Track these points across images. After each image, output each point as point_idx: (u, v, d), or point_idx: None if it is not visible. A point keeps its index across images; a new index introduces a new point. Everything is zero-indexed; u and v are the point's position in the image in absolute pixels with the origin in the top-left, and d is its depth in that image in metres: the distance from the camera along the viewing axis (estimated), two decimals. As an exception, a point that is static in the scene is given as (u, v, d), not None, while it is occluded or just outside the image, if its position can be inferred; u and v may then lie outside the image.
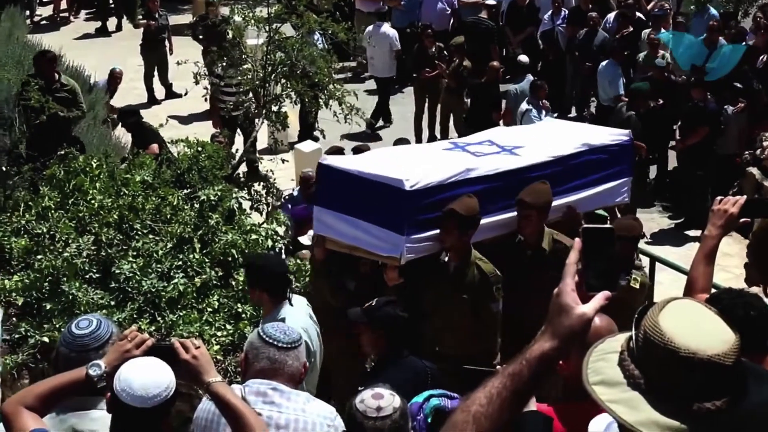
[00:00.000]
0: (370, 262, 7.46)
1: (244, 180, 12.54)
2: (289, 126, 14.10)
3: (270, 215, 10.48)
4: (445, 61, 16.37)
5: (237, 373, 7.90)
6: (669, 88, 14.47)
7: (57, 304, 8.31)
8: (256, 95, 13.21)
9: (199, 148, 10.62)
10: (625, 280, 7.53)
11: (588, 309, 2.50)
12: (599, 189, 7.88)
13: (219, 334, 8.33)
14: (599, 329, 3.39)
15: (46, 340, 8.06)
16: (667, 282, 10.54)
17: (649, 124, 13.64)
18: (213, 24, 16.71)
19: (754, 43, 15.48)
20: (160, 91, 18.31)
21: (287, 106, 13.45)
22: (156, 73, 18.27)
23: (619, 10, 17.53)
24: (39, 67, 12.02)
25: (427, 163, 7.26)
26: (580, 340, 2.49)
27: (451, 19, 19.00)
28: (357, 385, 4.68)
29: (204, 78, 13.29)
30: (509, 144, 7.72)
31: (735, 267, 10.36)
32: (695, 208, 13.52)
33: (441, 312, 7.15)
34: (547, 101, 14.34)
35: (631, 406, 2.29)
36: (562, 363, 2.97)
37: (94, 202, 9.35)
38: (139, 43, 18.39)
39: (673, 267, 10.49)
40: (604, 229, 2.67)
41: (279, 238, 9.35)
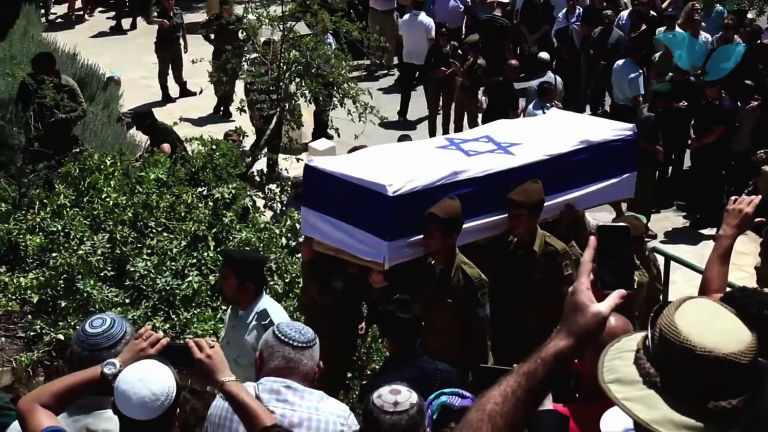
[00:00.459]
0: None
1: (259, 178, 12.54)
2: (304, 125, 14.10)
3: (284, 213, 10.49)
4: (459, 60, 16.36)
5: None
6: (688, 89, 14.40)
7: (72, 301, 8.33)
8: (270, 94, 13.21)
9: (213, 146, 10.65)
10: None
11: (603, 307, 2.49)
12: (601, 185, 7.79)
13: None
14: (614, 329, 3.38)
15: (61, 337, 8.08)
16: (682, 281, 10.53)
17: (665, 124, 13.61)
18: (227, 23, 16.71)
19: (768, 42, 15.44)
20: (174, 89, 18.32)
21: (301, 105, 13.46)
22: (170, 71, 18.26)
23: (633, 8, 17.48)
24: (39, 68, 12.01)
25: (414, 166, 7.16)
26: (595, 339, 2.49)
27: (465, 17, 18.99)
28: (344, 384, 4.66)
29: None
30: (506, 140, 7.63)
31: (749, 266, 10.35)
32: (710, 207, 13.49)
33: (427, 316, 7.14)
34: (559, 103, 14.32)
35: (647, 404, 2.29)
36: (577, 362, 2.97)
37: (108, 200, 9.38)
38: (151, 42, 18.39)
39: (687, 266, 10.47)
40: (619, 227, 2.66)
41: (293, 236, 9.37)
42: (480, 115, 16.16)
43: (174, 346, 4.01)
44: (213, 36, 17.17)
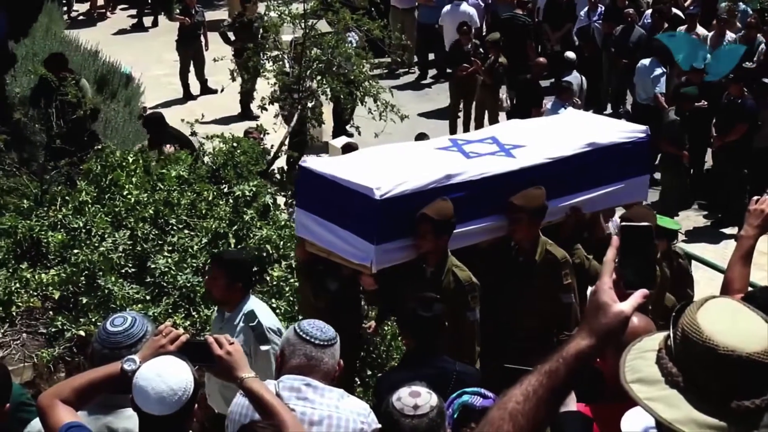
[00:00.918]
0: None
1: (280, 176, 12.55)
2: (324, 122, 14.11)
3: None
4: (480, 58, 16.34)
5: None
6: (708, 88, 14.35)
7: (93, 298, 8.35)
8: (291, 91, 13.23)
9: (234, 144, 10.66)
10: None
11: (626, 307, 2.48)
12: (611, 188, 7.68)
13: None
14: (637, 328, 3.36)
15: (82, 333, 8.11)
16: (704, 281, 10.48)
17: (688, 125, 13.57)
18: (249, 21, 16.73)
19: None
20: (195, 86, 18.35)
21: (322, 103, 13.47)
22: (192, 68, 18.28)
23: (655, 7, 17.43)
24: (51, 69, 12.04)
25: (407, 168, 7.07)
26: (618, 339, 2.48)
27: (486, 15, 18.97)
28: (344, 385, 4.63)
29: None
30: (511, 142, 7.54)
31: (772, 266, 10.29)
32: (732, 206, 13.43)
33: None
34: (579, 100, 14.28)
35: (670, 403, 2.28)
36: (599, 362, 2.96)
37: (130, 197, 9.40)
38: (173, 39, 18.43)
39: (709, 265, 10.44)
40: (641, 226, 2.65)
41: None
42: (502, 114, 16.15)
43: (194, 342, 4.01)
44: (234, 35, 17.17)
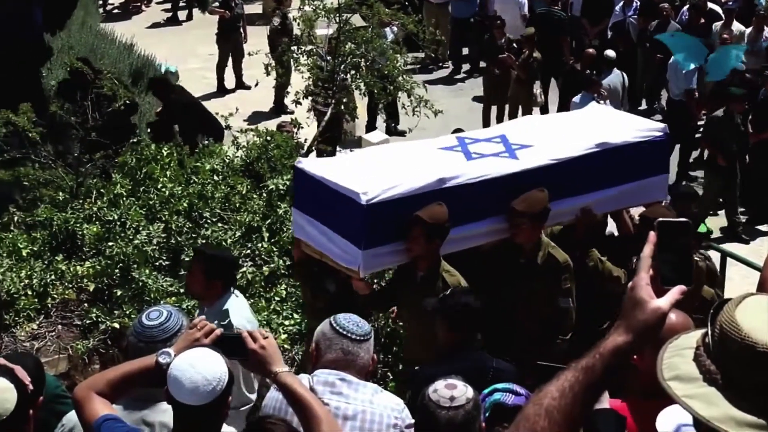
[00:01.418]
0: None
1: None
2: (358, 117, 14.12)
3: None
4: (514, 53, 16.29)
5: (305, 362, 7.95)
6: (743, 85, 14.24)
7: (127, 290, 8.41)
8: (325, 86, 13.23)
9: (268, 138, 10.69)
10: None
11: (663, 303, 2.46)
12: (625, 188, 7.56)
13: (286, 323, 8.37)
14: (674, 325, 3.34)
15: (117, 326, 8.17)
16: (738, 278, 10.42)
17: (730, 125, 13.48)
18: (284, 15, 16.74)
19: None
20: (230, 80, 18.36)
21: (356, 97, 13.48)
22: (230, 62, 18.26)
23: (691, 2, 17.32)
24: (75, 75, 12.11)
25: (402, 171, 6.99)
26: (655, 335, 2.46)
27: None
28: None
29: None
30: (519, 142, 7.44)
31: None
32: (766, 203, 13.35)
33: (409, 322, 7.04)
34: (604, 91, 14.21)
35: (708, 401, 2.26)
36: (637, 359, 2.93)
37: (164, 190, 9.46)
38: (207, 33, 18.45)
39: (743, 262, 10.37)
40: (679, 222, 2.63)
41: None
42: (536, 109, 16.10)
43: (228, 336, 4.01)
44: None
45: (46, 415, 4.01)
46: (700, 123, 15.13)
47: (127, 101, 11.57)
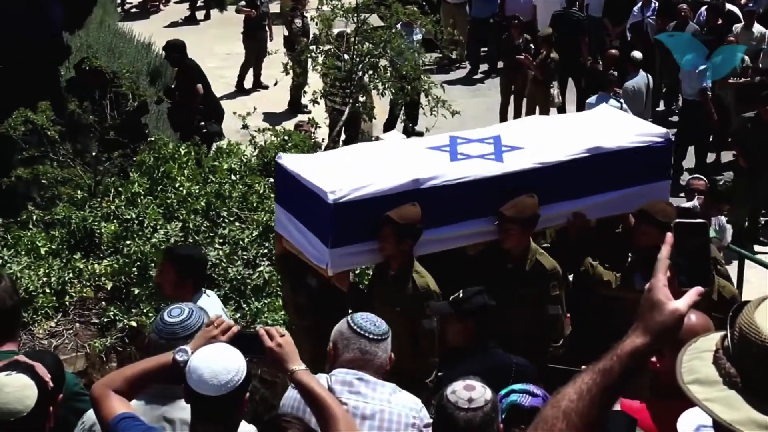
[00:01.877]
0: None
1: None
2: (376, 117, 14.12)
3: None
4: (531, 53, 16.27)
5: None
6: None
7: (145, 289, 8.43)
8: (343, 86, 13.25)
9: (285, 137, 10.70)
10: (643, 280, 7.13)
11: (681, 305, 2.46)
12: (623, 193, 7.44)
13: (303, 322, 8.36)
14: (695, 327, 3.34)
15: (134, 324, 8.19)
16: (756, 280, 10.38)
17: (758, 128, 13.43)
18: (301, 15, 16.75)
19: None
20: (248, 79, 18.35)
21: (373, 97, 13.48)
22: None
23: (709, 3, 17.26)
24: (85, 78, 12.15)
25: (378, 171, 6.95)
26: (673, 337, 2.46)
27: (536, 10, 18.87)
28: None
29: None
30: (511, 143, 7.37)
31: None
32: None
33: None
34: (619, 90, 14.16)
35: (729, 404, 2.25)
36: (655, 359, 2.93)
37: (182, 188, 9.47)
38: (225, 32, 18.46)
39: (762, 264, 10.33)
40: (696, 223, 2.63)
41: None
42: (553, 110, 16.07)
43: (245, 334, 4.03)
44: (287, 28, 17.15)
45: (65, 412, 4.03)
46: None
47: (138, 102, 11.61)
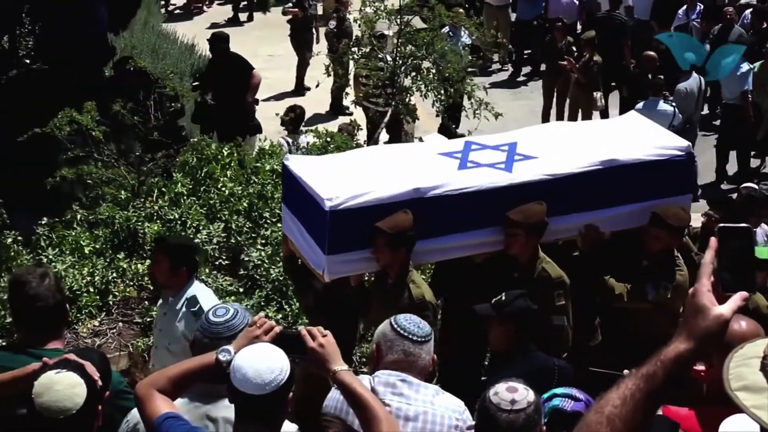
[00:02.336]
0: None
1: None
2: (418, 119, 14.11)
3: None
4: (574, 55, 16.21)
5: (361, 363, 7.96)
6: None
7: (187, 289, 8.46)
8: (386, 87, 13.27)
9: (327, 139, 10.73)
10: (654, 291, 7.07)
11: (725, 310, 2.46)
12: (642, 206, 7.27)
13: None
14: (744, 333, 3.32)
15: (176, 324, 8.23)
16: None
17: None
18: (343, 17, 16.78)
19: None
20: (288, 81, 18.38)
21: (416, 99, 13.48)
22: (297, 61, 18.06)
23: (754, 6, 17.13)
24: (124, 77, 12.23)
25: (380, 178, 6.90)
26: (717, 342, 2.45)
27: (580, 13, 18.80)
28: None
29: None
30: (525, 152, 7.26)
31: None
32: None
33: (375, 325, 6.98)
34: (668, 93, 14.08)
35: (777, 412, 2.24)
36: (706, 368, 2.91)
37: (224, 189, 9.53)
38: (268, 34, 18.48)
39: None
40: (740, 228, 2.61)
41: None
42: (596, 113, 16.02)
43: (287, 334, 4.04)
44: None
45: (110, 410, 4.06)
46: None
47: (175, 105, 11.69)
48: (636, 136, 7.65)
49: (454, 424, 4.54)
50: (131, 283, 8.72)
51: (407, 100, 13.18)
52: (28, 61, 11.67)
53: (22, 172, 10.60)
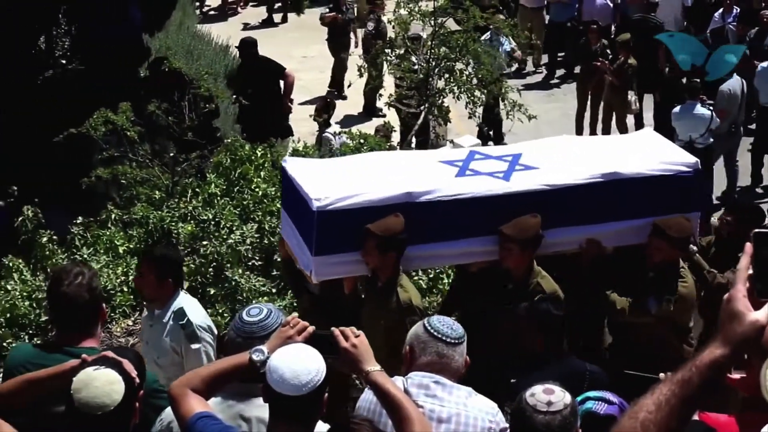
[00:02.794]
0: None
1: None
2: (451, 121, 14.11)
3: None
4: (608, 58, 16.15)
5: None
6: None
7: (220, 289, 8.51)
8: (419, 89, 13.28)
9: (361, 140, 10.75)
10: (657, 304, 6.96)
11: (761, 315, 2.45)
12: (642, 222, 7.11)
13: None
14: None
15: (210, 324, 8.26)
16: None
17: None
18: (379, 19, 16.80)
19: None
20: (322, 83, 18.41)
21: (449, 101, 13.49)
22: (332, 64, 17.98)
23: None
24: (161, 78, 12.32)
25: (374, 181, 6.85)
26: (753, 348, 2.44)
27: (615, 15, 18.73)
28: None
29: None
30: (528, 163, 7.15)
31: None
32: None
33: (364, 328, 6.91)
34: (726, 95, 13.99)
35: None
36: (745, 375, 2.88)
37: (258, 190, 9.55)
38: (302, 35, 18.52)
39: None
40: None
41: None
42: (630, 117, 15.96)
43: (320, 334, 4.05)
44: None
45: (144, 408, 4.09)
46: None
47: (209, 106, 11.74)
48: (643, 151, 7.50)
49: (487, 426, 4.54)
50: (165, 283, 8.76)
51: (440, 102, 13.18)
52: (64, 61, 11.74)
53: (58, 172, 10.70)
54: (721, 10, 17.23)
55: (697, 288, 7.31)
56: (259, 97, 13.31)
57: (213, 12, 22.99)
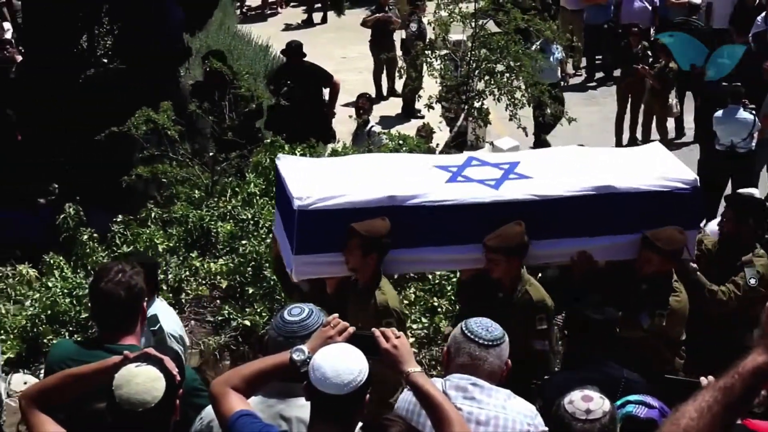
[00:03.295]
0: None
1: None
2: (491, 123, 14.09)
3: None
4: (649, 61, 16.07)
5: (431, 366, 7.97)
6: None
7: (259, 289, 8.54)
8: (458, 91, 13.28)
9: (400, 141, 10.75)
10: (649, 319, 6.85)
11: (804, 323, 2.44)
12: (635, 238, 6.96)
13: (414, 326, 8.40)
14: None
15: (248, 323, 8.30)
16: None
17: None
18: (420, 20, 16.80)
19: None
20: (361, 83, 18.41)
21: (489, 103, 13.47)
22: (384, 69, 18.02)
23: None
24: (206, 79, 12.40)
25: (360, 183, 6.79)
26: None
27: (654, 18, 18.64)
28: None
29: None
30: (523, 172, 7.03)
31: None
32: None
33: None
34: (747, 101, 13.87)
35: None
36: None
37: (297, 190, 9.56)
38: (342, 36, 18.58)
39: None
40: None
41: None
42: (671, 119, 15.87)
43: (360, 335, 4.06)
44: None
45: (183, 407, 4.11)
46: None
47: (250, 105, 11.78)
48: (642, 166, 7.34)
49: (525, 430, 4.53)
50: (203, 282, 8.80)
51: (480, 104, 13.17)
52: (105, 60, 11.83)
53: (99, 171, 10.77)
54: (763, 14, 17.10)
55: (698, 302, 7.25)
56: (299, 100, 13.32)
57: (253, 12, 23.11)
